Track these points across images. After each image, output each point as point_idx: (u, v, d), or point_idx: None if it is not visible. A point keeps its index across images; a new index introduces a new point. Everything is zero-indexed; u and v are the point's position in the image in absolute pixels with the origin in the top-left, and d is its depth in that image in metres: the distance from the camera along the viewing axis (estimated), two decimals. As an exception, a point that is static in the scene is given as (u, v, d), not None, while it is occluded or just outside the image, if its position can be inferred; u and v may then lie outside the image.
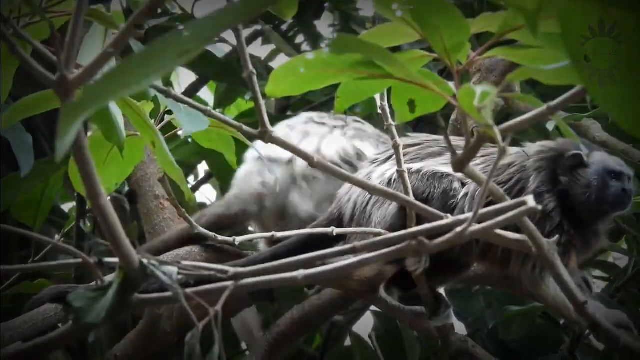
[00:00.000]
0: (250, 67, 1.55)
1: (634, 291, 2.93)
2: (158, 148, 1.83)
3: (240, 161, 2.02)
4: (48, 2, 1.80)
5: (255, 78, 1.56)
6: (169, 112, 2.02)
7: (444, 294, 2.34)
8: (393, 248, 1.15)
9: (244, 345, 3.44)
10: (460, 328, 3.01)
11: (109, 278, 2.16)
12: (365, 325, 3.42)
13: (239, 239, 2.19)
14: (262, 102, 1.53)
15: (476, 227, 1.12)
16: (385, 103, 2.08)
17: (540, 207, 1.10)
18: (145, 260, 1.28)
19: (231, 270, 1.27)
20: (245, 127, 1.63)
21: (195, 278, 1.31)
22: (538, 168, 2.23)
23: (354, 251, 1.21)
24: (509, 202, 1.12)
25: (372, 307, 3.27)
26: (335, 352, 3.49)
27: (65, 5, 1.85)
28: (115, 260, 1.31)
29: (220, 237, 2.22)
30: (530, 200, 1.09)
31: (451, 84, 1.29)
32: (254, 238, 2.34)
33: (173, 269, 1.29)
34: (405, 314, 2.42)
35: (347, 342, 3.50)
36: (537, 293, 2.19)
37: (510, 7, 1.04)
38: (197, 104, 1.76)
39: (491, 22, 1.28)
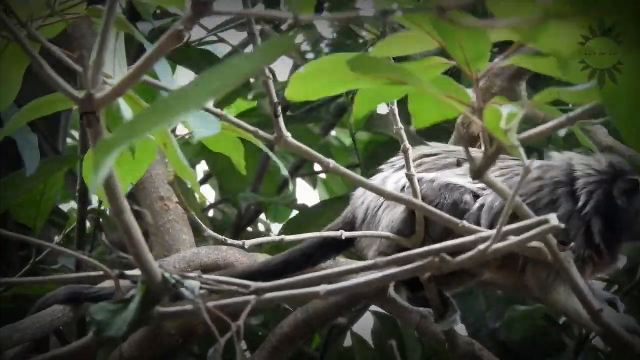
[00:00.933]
0: (267, 72, 1.56)
1: (635, 293, 2.95)
2: (170, 150, 1.82)
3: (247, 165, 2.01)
4: (59, 5, 1.81)
5: (271, 83, 1.56)
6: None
7: (451, 298, 2.35)
8: (415, 265, 1.17)
9: (243, 345, 3.45)
10: (460, 329, 3.02)
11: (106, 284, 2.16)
12: (365, 325, 3.44)
13: (248, 243, 2.20)
14: (279, 107, 1.53)
15: (499, 245, 1.13)
16: (395, 107, 2.08)
17: (563, 226, 1.11)
18: (167, 275, 1.30)
19: (253, 285, 1.28)
20: (261, 132, 1.63)
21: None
22: (590, 186, 2.23)
23: (375, 267, 1.22)
24: (532, 219, 1.14)
25: (372, 308, 3.29)
26: (335, 352, 3.51)
27: (77, 9, 1.85)
28: (137, 273, 1.32)
29: (230, 241, 2.23)
30: (553, 219, 1.10)
31: (469, 92, 1.30)
32: (263, 242, 2.34)
33: (195, 284, 1.30)
34: (413, 316, 2.43)
35: (348, 342, 3.51)
36: (547, 300, 2.20)
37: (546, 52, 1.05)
38: (210, 107, 1.75)
39: (512, 32, 1.29)
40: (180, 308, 1.32)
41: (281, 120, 1.49)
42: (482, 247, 1.15)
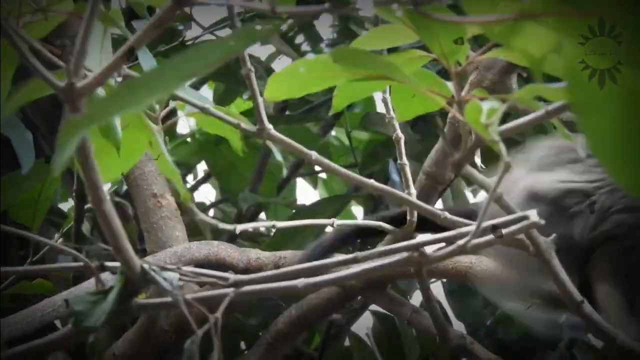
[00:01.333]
0: (249, 64, 1.55)
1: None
2: (155, 147, 1.81)
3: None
4: (47, 2, 1.80)
5: (253, 75, 1.56)
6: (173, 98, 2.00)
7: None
8: (395, 259, 1.17)
9: (242, 345, 3.44)
10: (459, 328, 3.01)
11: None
12: (364, 325, 3.43)
13: (239, 227, 2.19)
14: (260, 99, 1.53)
15: (478, 240, 1.13)
16: (387, 96, 2.07)
17: (543, 222, 1.11)
18: (146, 266, 1.29)
19: (232, 277, 1.28)
20: (243, 125, 1.62)
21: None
22: None
23: (355, 261, 1.21)
24: (512, 215, 1.13)
25: (371, 307, 3.28)
26: (334, 351, 3.50)
27: (65, 5, 1.85)
28: (117, 264, 1.31)
29: (221, 225, 2.22)
30: (533, 214, 1.10)
31: (449, 85, 1.29)
32: (255, 227, 2.33)
33: (174, 275, 1.29)
34: (405, 310, 2.43)
35: (347, 342, 3.50)
36: None
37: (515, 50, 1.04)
38: (194, 100, 1.74)
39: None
40: (158, 300, 1.31)
41: (263, 112, 1.48)
42: (460, 242, 1.14)
